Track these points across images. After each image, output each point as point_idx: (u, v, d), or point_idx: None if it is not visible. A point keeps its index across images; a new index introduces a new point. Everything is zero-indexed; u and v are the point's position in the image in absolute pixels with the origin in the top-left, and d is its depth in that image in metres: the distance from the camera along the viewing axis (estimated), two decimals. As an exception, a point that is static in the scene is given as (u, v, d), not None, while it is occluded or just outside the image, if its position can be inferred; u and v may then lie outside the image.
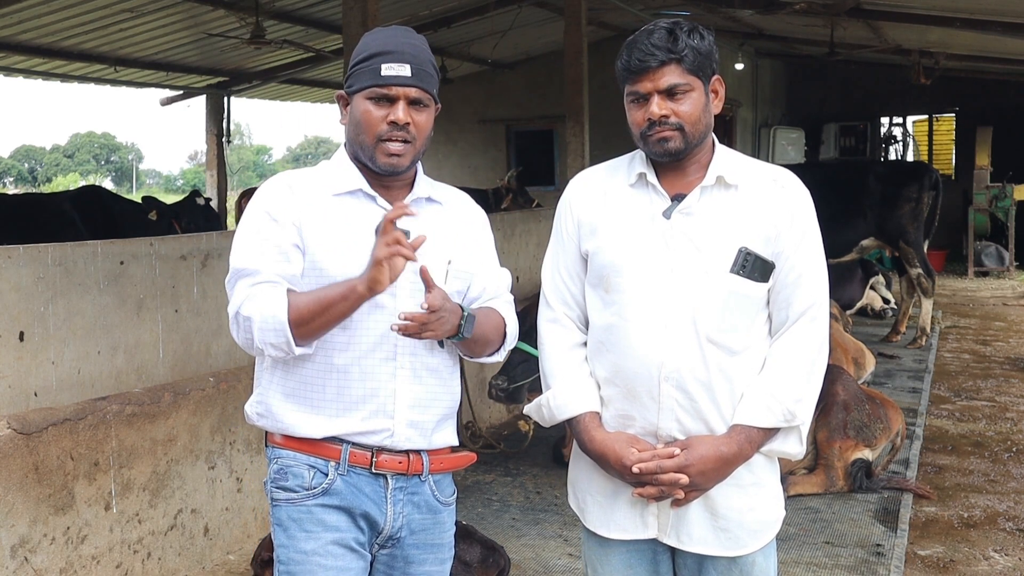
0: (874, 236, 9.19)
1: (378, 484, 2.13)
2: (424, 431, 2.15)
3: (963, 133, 18.10)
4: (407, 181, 2.20)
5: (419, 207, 2.18)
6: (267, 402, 2.16)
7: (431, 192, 2.24)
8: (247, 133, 72.93)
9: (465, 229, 2.27)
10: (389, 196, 2.16)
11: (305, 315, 2.00)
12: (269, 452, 2.19)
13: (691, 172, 2.17)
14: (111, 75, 12.50)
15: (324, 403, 2.11)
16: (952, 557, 4.34)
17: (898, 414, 5.37)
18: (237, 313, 2.04)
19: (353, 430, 2.10)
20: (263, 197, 2.15)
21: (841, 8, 9.79)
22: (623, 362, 2.15)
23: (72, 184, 41.51)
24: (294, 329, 2.00)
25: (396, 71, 2.07)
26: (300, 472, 2.11)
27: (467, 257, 2.23)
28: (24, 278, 3.89)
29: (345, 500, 2.11)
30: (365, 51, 2.12)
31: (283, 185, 2.16)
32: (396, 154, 2.10)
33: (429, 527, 2.20)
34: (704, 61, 2.10)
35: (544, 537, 4.53)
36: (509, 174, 11.93)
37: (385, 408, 2.11)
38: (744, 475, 2.16)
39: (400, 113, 2.08)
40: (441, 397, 2.20)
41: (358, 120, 2.12)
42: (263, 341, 2.02)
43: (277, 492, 2.14)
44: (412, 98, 2.10)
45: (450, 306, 2.08)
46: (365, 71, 2.10)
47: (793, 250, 2.14)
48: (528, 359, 4.96)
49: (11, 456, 3.32)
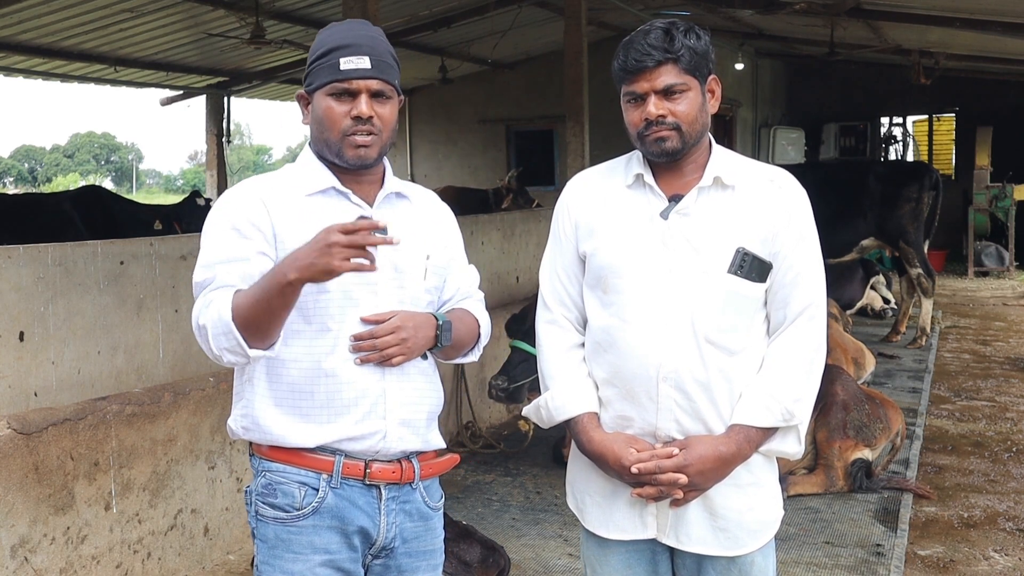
0: (874, 236, 9.19)
1: (371, 495, 2.08)
2: (416, 429, 2.13)
3: (963, 133, 18.10)
4: (377, 176, 2.16)
5: (390, 203, 2.16)
6: (253, 414, 2.08)
7: (401, 188, 2.20)
8: (247, 133, 72.98)
9: (436, 225, 2.26)
10: (361, 192, 2.12)
11: (246, 313, 1.92)
12: (255, 462, 2.12)
13: (688, 172, 2.17)
14: (111, 75, 12.52)
15: (314, 410, 2.05)
16: (952, 557, 4.34)
17: (898, 414, 5.37)
18: (196, 325, 1.99)
19: (346, 435, 2.05)
20: (227, 208, 2.08)
21: (841, 8, 9.80)
22: (621, 363, 2.15)
23: (72, 184, 41.55)
24: (242, 330, 1.92)
25: (355, 64, 2.03)
26: (290, 490, 2.05)
27: (442, 252, 2.22)
28: (24, 278, 3.89)
29: (337, 517, 2.05)
30: (322, 47, 2.07)
31: (249, 194, 2.10)
32: (364, 145, 2.05)
33: (421, 534, 2.17)
34: (700, 61, 2.10)
35: (544, 537, 4.53)
36: (509, 174, 11.95)
37: (376, 410, 2.06)
38: (743, 475, 2.16)
39: (363, 107, 2.04)
40: (429, 395, 2.17)
41: (321, 118, 2.07)
42: (218, 347, 1.95)
43: (264, 508, 2.07)
44: (374, 90, 2.05)
45: (418, 320, 2.07)
46: (324, 67, 2.06)
47: (790, 250, 2.14)
48: (528, 359, 4.96)
49: (11, 456, 3.32)
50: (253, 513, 2.10)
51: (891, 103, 18.65)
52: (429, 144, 16.50)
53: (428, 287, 2.16)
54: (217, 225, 2.08)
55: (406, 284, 2.12)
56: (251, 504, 2.11)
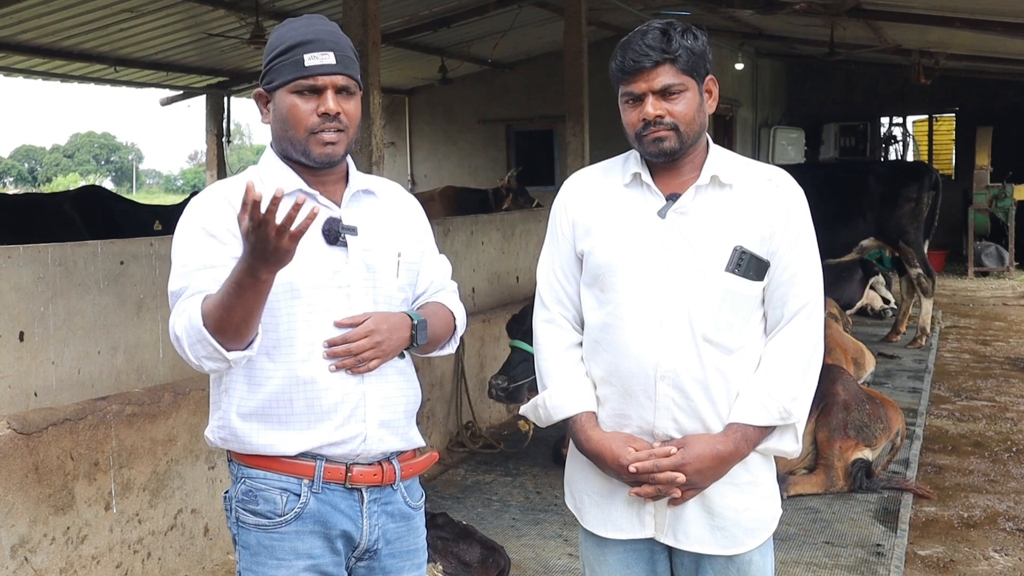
0: (874, 236, 9.19)
1: (353, 499, 2.07)
2: (396, 429, 2.11)
3: (963, 133, 18.10)
4: (342, 174, 2.12)
5: (358, 200, 2.13)
6: (231, 425, 2.04)
7: (366, 184, 2.16)
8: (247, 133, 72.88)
9: (405, 220, 2.22)
10: (327, 192, 2.08)
11: (215, 315, 1.85)
12: (234, 468, 2.09)
13: (686, 172, 2.17)
14: (111, 75, 12.51)
15: (293, 417, 2.01)
16: (952, 557, 4.34)
17: (898, 414, 5.37)
18: (172, 336, 1.94)
19: (327, 441, 2.02)
20: (198, 214, 2.03)
21: (841, 8, 9.80)
22: (619, 361, 2.15)
23: (72, 184, 41.51)
24: (215, 334, 1.86)
25: (320, 60, 1.99)
26: (271, 497, 2.02)
27: (414, 247, 2.20)
28: (24, 278, 3.89)
29: (320, 522, 2.04)
30: (282, 43, 2.02)
31: (219, 199, 2.04)
32: (331, 142, 2.01)
33: (404, 535, 2.16)
34: (698, 61, 2.11)
35: (544, 537, 4.53)
36: (509, 174, 11.94)
37: (356, 413, 2.04)
38: (740, 474, 2.16)
39: (330, 103, 2.00)
40: (407, 393, 2.16)
41: (284, 116, 2.02)
42: (196, 356, 1.90)
43: (245, 515, 2.04)
44: (339, 86, 2.02)
45: (393, 322, 2.05)
46: (286, 64, 2.00)
47: (788, 249, 2.14)
48: (528, 358, 4.96)
49: (11, 456, 3.32)
50: (234, 519, 2.08)
51: (891, 103, 18.66)
52: (429, 144, 16.50)
53: (401, 284, 2.14)
54: (189, 231, 2.03)
55: (379, 283, 2.09)
56: (231, 510, 2.08)
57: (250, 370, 2.02)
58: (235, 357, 1.91)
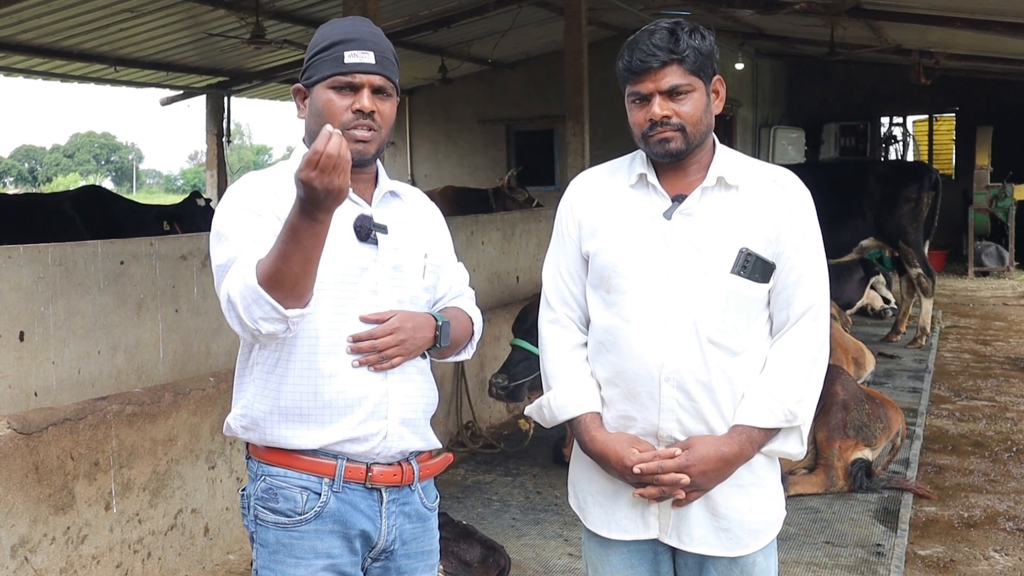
0: (874, 236, 9.19)
1: (372, 499, 2.07)
2: (416, 428, 2.12)
3: (963, 133, 18.12)
4: (372, 174, 2.13)
5: (387, 201, 2.14)
6: (253, 414, 2.06)
7: (393, 186, 2.18)
8: (247, 133, 72.96)
9: (429, 224, 2.25)
10: (358, 190, 2.09)
11: (272, 269, 1.82)
12: (253, 466, 2.10)
13: (692, 173, 2.17)
14: (111, 75, 12.52)
15: (316, 411, 2.02)
16: (952, 557, 4.34)
17: (898, 414, 5.37)
18: (226, 302, 1.91)
19: (348, 436, 2.02)
20: (240, 195, 2.04)
21: (841, 8, 9.80)
22: (624, 363, 2.15)
23: (72, 184, 41.53)
24: (270, 291, 1.82)
25: (360, 58, 2.00)
26: (292, 495, 2.03)
27: (438, 251, 2.22)
28: (24, 278, 3.89)
29: (339, 522, 2.04)
30: (325, 40, 2.04)
31: (261, 185, 2.06)
32: (363, 140, 2.01)
33: (419, 535, 2.17)
34: (705, 61, 2.10)
35: (544, 537, 4.53)
36: (508, 173, 11.94)
37: (379, 410, 2.04)
38: (745, 475, 2.15)
39: (365, 101, 2.00)
40: (427, 394, 2.17)
41: (319, 111, 2.03)
42: (252, 319, 1.85)
43: (264, 513, 2.05)
44: (376, 86, 2.02)
45: (418, 321, 2.05)
46: (327, 60, 2.02)
47: (794, 250, 2.13)
48: (529, 357, 4.96)
49: (11, 456, 3.32)
50: (252, 517, 2.08)
51: (891, 103, 18.67)
52: (429, 144, 16.51)
53: (426, 285, 2.15)
54: (233, 210, 2.02)
55: (406, 283, 2.11)
56: (249, 508, 2.09)
57: (276, 361, 2.03)
58: (293, 314, 1.87)
